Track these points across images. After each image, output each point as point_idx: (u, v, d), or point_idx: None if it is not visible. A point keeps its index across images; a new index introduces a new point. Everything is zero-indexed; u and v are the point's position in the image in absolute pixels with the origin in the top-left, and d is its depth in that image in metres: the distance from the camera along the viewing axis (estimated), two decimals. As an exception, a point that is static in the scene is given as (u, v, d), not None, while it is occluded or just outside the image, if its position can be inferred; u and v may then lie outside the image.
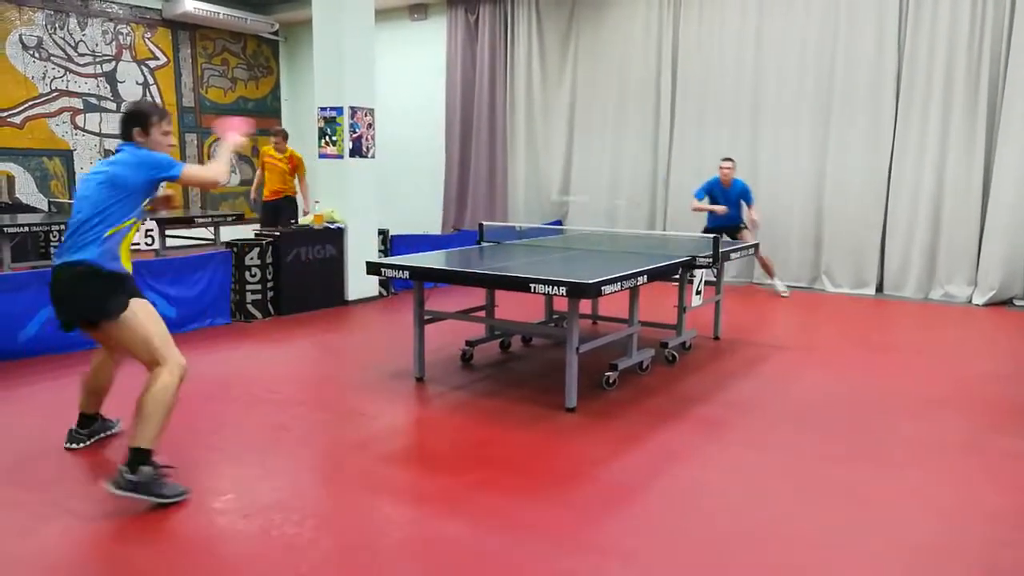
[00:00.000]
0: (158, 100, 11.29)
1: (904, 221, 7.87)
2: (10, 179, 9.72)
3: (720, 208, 7.65)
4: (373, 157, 7.41)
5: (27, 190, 9.89)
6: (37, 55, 9.89)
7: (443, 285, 4.65)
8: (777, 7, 8.38)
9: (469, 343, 5.22)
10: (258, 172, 8.94)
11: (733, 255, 5.71)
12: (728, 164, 7.70)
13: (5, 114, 9.64)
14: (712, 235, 5.49)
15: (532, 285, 3.86)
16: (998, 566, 2.60)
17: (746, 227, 7.70)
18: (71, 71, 10.27)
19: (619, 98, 9.55)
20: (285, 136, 8.57)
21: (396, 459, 3.54)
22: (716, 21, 8.77)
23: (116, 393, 3.53)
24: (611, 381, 4.50)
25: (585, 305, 5.84)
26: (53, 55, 10.05)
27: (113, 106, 10.75)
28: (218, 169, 3.35)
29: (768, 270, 8.03)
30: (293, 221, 8.08)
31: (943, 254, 7.70)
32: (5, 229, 7.02)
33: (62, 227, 7.81)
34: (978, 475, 3.36)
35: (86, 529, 2.78)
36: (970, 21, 7.37)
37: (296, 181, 8.64)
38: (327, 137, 7.19)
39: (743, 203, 7.68)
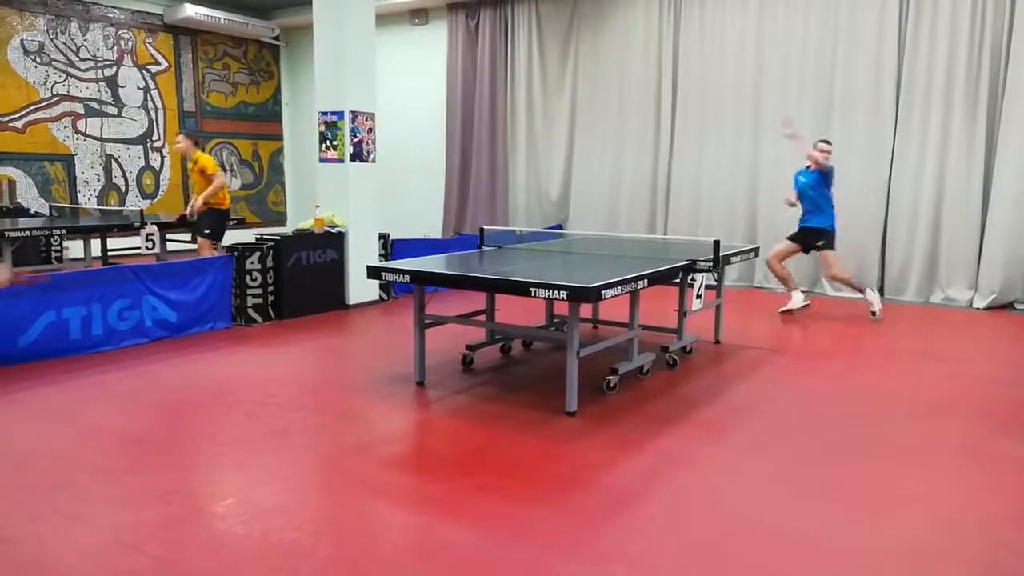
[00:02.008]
0: (159, 105, 11.33)
1: (905, 225, 7.87)
2: (11, 183, 9.72)
3: (791, 197, 6.95)
4: (374, 162, 7.42)
5: (28, 194, 9.90)
6: (39, 60, 9.91)
7: (444, 289, 4.65)
8: (778, 10, 8.39)
9: (469, 347, 5.22)
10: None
11: (734, 259, 5.71)
12: (822, 146, 6.64)
13: (7, 118, 9.66)
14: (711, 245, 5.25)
15: (533, 289, 3.87)
16: (997, 569, 2.60)
17: (826, 244, 6.75)
18: (72, 76, 10.29)
19: (620, 101, 9.56)
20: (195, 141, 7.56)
21: (396, 463, 3.53)
22: (717, 24, 8.78)
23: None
24: (612, 385, 4.51)
25: (586, 309, 5.84)
26: (55, 60, 10.08)
27: (114, 111, 10.78)
28: None
29: (851, 285, 6.97)
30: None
31: (944, 258, 7.70)
32: (6, 233, 7.02)
33: (63, 231, 7.84)
34: (978, 479, 3.35)
35: (86, 533, 2.78)
36: (970, 25, 7.37)
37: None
38: (328, 142, 7.20)
39: (815, 195, 6.73)
